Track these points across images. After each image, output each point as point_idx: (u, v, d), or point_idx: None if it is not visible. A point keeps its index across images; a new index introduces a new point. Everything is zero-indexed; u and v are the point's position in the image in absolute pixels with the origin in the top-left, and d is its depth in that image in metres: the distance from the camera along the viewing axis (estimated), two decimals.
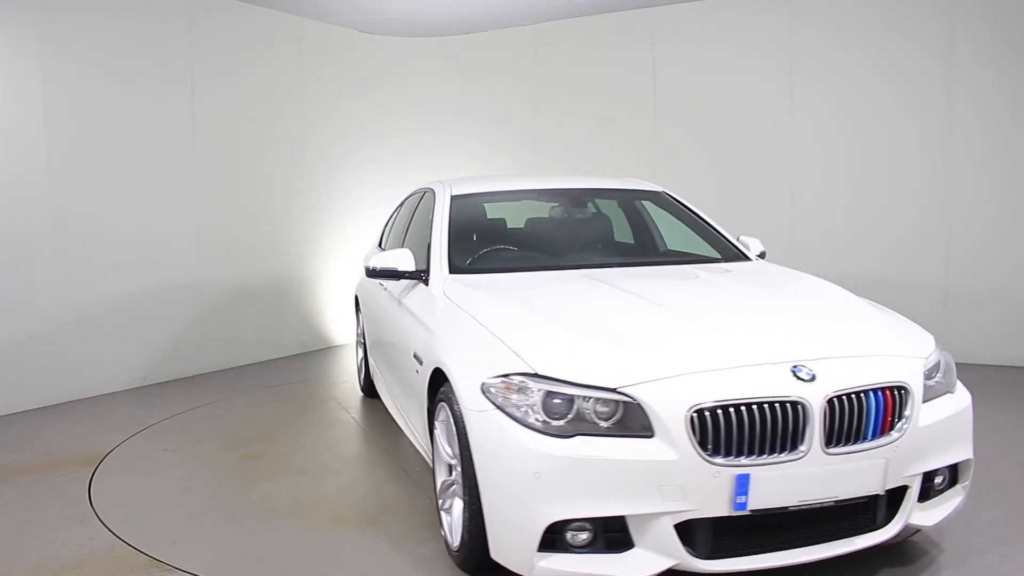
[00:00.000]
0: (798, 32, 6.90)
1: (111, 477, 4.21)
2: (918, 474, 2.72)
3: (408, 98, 8.44)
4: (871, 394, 2.62)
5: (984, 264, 6.34)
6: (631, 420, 2.49)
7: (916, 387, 2.72)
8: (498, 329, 2.89)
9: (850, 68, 6.70)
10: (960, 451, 2.88)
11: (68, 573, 3.07)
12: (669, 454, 2.44)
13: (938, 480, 2.87)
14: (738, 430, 2.46)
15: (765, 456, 2.47)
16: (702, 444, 2.45)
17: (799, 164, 6.96)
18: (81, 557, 3.21)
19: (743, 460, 2.46)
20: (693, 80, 7.33)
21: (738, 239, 4.26)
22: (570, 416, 2.51)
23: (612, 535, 2.50)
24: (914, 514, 2.76)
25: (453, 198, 4.26)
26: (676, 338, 2.76)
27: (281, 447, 4.68)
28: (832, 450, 2.53)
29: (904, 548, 3.09)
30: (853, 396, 2.58)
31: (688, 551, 2.48)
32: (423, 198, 4.74)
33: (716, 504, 2.45)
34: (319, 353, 7.62)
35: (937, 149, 6.44)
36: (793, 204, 6.99)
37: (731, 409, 2.47)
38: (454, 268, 3.73)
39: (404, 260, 3.83)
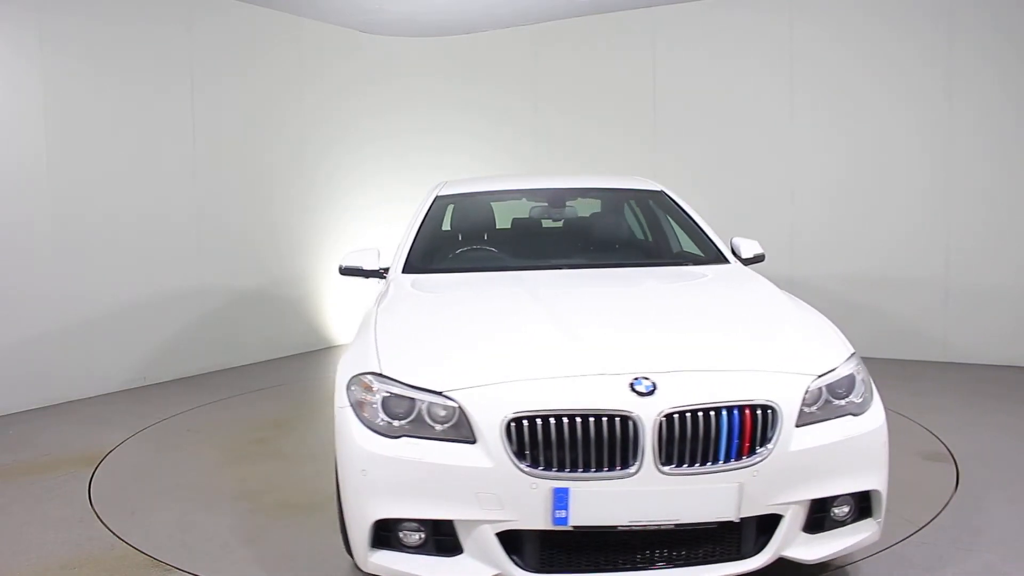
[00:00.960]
0: (798, 32, 6.90)
1: (111, 477, 4.21)
2: (794, 503, 2.45)
3: (408, 98, 8.44)
4: (722, 413, 2.39)
5: (984, 264, 6.34)
6: (461, 425, 2.45)
7: (787, 408, 2.46)
8: (381, 329, 2.92)
9: (850, 67, 6.70)
10: (862, 480, 2.56)
11: (68, 573, 3.07)
12: (485, 462, 2.38)
13: (838, 511, 2.57)
14: (558, 442, 2.35)
15: (589, 471, 2.35)
16: (519, 454, 2.36)
17: (799, 164, 6.96)
18: (81, 557, 3.21)
19: (562, 474, 2.35)
20: (693, 80, 7.33)
21: (731, 241, 4.10)
22: (411, 418, 2.50)
23: (443, 539, 2.48)
24: (794, 547, 2.49)
25: (437, 197, 4.33)
26: (527, 345, 2.70)
27: (281, 447, 4.68)
28: (669, 470, 2.35)
29: (904, 548, 3.09)
30: (699, 414, 2.37)
31: (515, 562, 2.43)
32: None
33: (535, 517, 2.36)
34: (319, 353, 7.63)
35: (937, 148, 6.44)
36: (793, 203, 6.99)
37: (551, 420, 2.36)
38: (411, 267, 3.78)
39: (369, 258, 3.93)
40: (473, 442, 2.42)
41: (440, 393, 2.49)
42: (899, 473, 3.95)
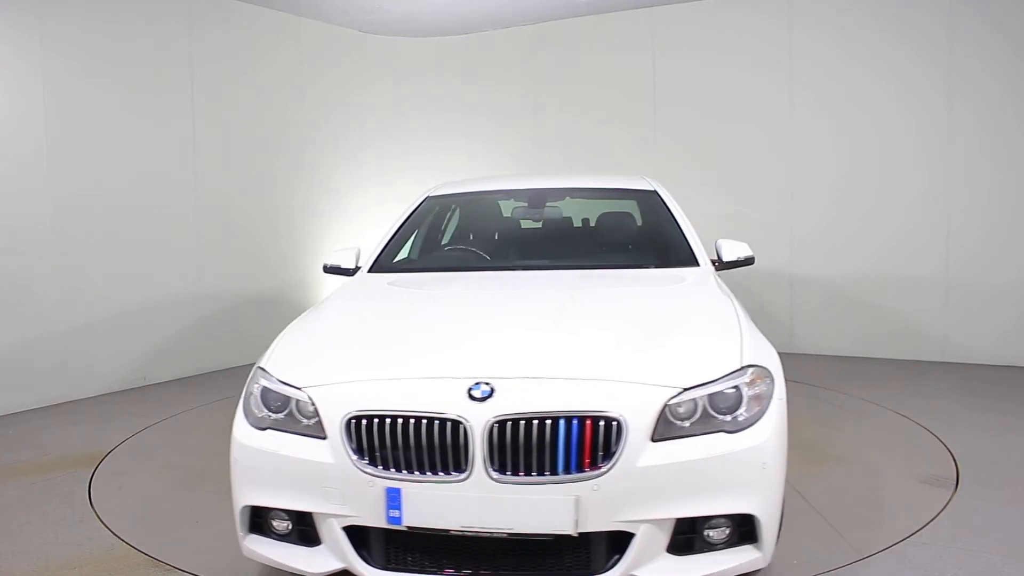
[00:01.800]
0: (798, 32, 6.90)
1: (111, 477, 4.21)
2: (647, 521, 2.34)
3: (408, 98, 8.45)
4: (559, 423, 2.33)
5: (984, 264, 6.34)
6: (318, 422, 2.53)
7: (636, 420, 2.35)
8: (293, 326, 3.09)
9: (850, 67, 6.71)
10: (733, 502, 2.40)
11: (68, 573, 3.07)
12: (329, 458, 2.45)
13: (714, 533, 2.43)
14: (392, 443, 2.39)
15: (422, 473, 2.37)
16: (358, 452, 2.42)
17: (799, 163, 6.96)
18: (81, 557, 3.21)
19: (396, 474, 2.38)
20: (693, 80, 7.33)
21: (715, 243, 3.99)
22: (285, 412, 2.60)
23: (305, 529, 2.57)
24: (651, 567, 2.37)
25: (428, 197, 4.40)
26: (398, 347, 2.76)
27: None
28: (500, 477, 2.32)
29: (904, 548, 3.09)
30: (533, 422, 2.33)
31: (363, 557, 2.48)
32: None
33: (375, 514, 2.40)
34: None
35: (937, 148, 6.45)
36: (793, 203, 6.99)
37: (387, 420, 2.40)
38: (379, 266, 3.91)
39: (349, 257, 4.04)
40: (324, 438, 2.49)
41: (300, 389, 2.59)
42: (899, 473, 3.97)
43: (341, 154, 8.00)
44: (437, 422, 2.36)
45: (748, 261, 3.87)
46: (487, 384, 2.41)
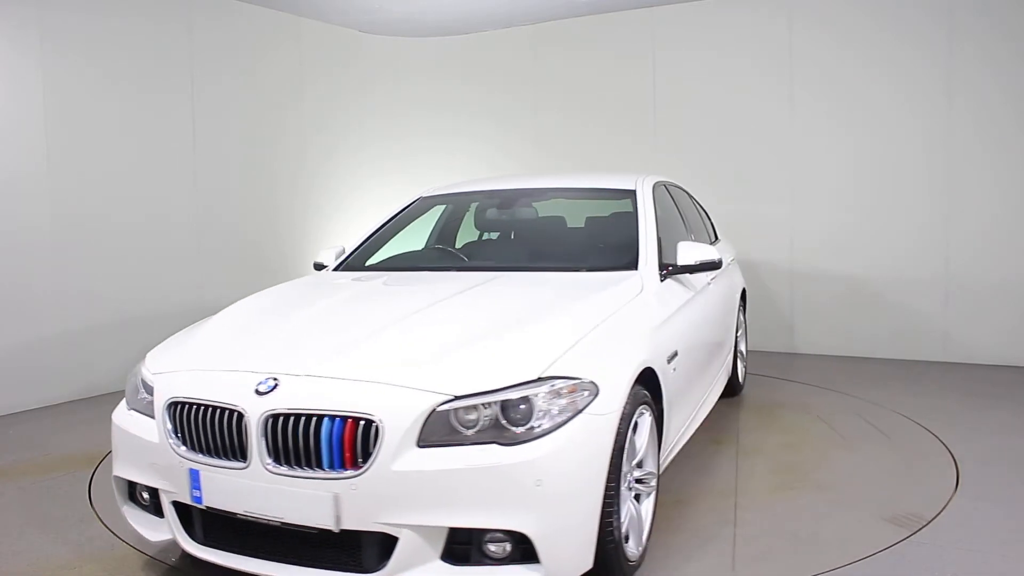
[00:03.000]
0: (798, 32, 6.90)
1: (111, 477, 4.20)
2: (409, 526, 2.36)
3: (408, 98, 8.45)
4: (324, 421, 2.42)
5: (984, 264, 6.34)
6: (153, 404, 2.83)
7: (395, 423, 2.37)
8: (204, 320, 3.49)
9: (850, 67, 6.70)
10: (504, 518, 2.34)
11: (68, 573, 3.07)
12: (155, 437, 2.74)
13: (493, 547, 2.41)
14: (194, 427, 2.64)
15: (216, 458, 2.58)
16: (173, 433, 2.69)
17: (799, 163, 6.96)
18: (81, 557, 3.21)
19: (198, 457, 2.61)
20: (693, 80, 7.33)
21: (676, 246, 3.83)
22: (146, 395, 2.91)
23: (156, 501, 2.85)
24: (418, 571, 2.38)
25: (420, 198, 4.59)
26: (245, 339, 3.02)
27: None
28: (274, 468, 2.46)
29: (904, 548, 3.09)
30: (302, 418, 2.44)
31: (186, 530, 2.75)
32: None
33: (184, 492, 2.66)
34: None
35: (937, 148, 6.44)
36: (793, 204, 6.99)
37: (193, 407, 2.65)
38: (349, 264, 4.15)
39: (329, 256, 4.25)
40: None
41: (151, 375, 2.91)
42: (899, 473, 3.97)
43: (341, 154, 8.00)
44: (226, 412, 2.57)
45: (709, 265, 3.69)
46: (273, 379, 2.57)
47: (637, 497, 2.94)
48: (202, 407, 2.61)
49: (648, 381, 2.99)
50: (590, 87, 7.81)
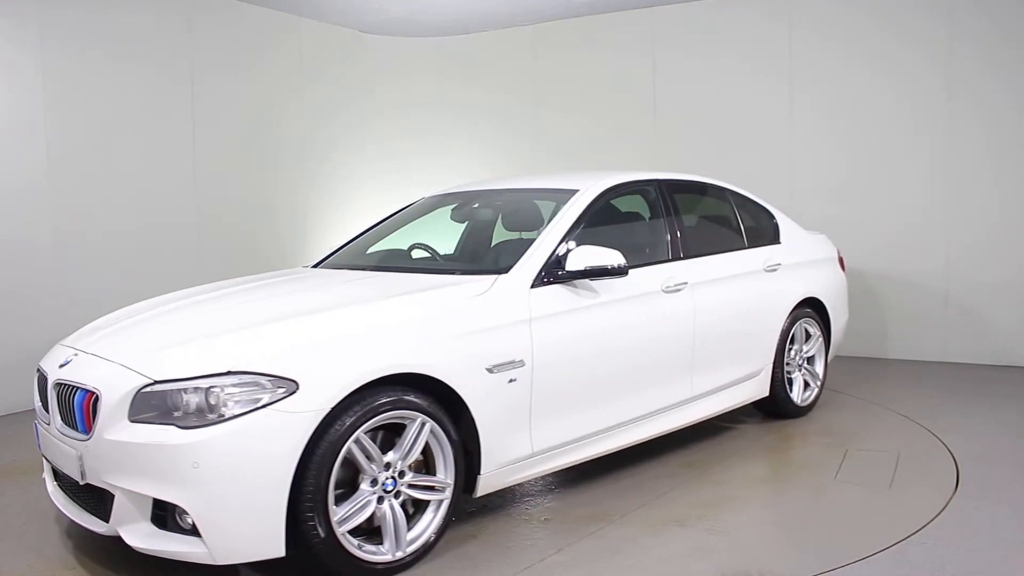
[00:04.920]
0: (798, 32, 6.90)
1: None
2: (119, 487, 2.74)
3: (408, 98, 8.44)
4: (78, 391, 2.91)
5: (984, 264, 6.34)
6: None
7: (110, 399, 2.75)
8: None
9: (850, 67, 6.71)
10: (164, 491, 2.65)
11: (68, 573, 3.07)
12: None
13: (181, 519, 2.70)
14: (36, 392, 3.33)
15: (44, 415, 3.18)
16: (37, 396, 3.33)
17: (799, 163, 6.96)
18: (81, 557, 3.21)
19: (40, 413, 3.27)
20: (693, 80, 7.33)
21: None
22: None
23: None
24: (130, 529, 2.77)
25: (422, 199, 4.76)
26: (112, 322, 3.46)
27: None
28: (60, 427, 3.01)
29: (904, 548, 3.09)
30: (68, 387, 2.98)
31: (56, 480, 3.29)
32: None
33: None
34: None
35: (937, 148, 6.45)
36: (793, 204, 6.98)
37: (37, 374, 3.34)
38: (329, 262, 4.34)
39: (319, 256, 4.49)
40: None
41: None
42: (899, 473, 3.97)
43: (341, 154, 7.99)
44: (43, 379, 3.22)
45: (599, 272, 3.50)
46: (74, 355, 3.11)
47: (418, 503, 3.03)
48: (38, 375, 3.31)
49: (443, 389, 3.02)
50: (590, 87, 7.81)
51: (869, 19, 6.62)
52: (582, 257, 3.50)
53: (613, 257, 3.49)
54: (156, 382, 2.71)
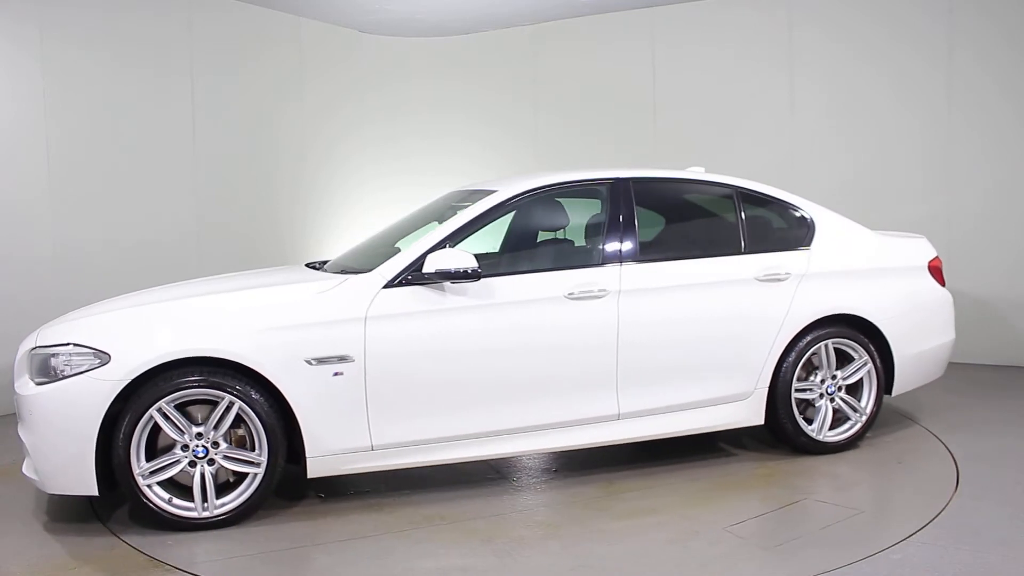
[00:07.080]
0: (798, 32, 6.90)
1: None
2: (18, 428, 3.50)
3: (408, 98, 8.44)
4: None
5: (984, 264, 6.34)
6: None
7: (18, 362, 3.51)
8: None
9: (850, 67, 6.71)
10: (22, 433, 3.46)
11: (68, 573, 3.07)
12: None
13: None
14: None
15: None
16: None
17: (799, 163, 6.95)
18: (81, 557, 3.21)
19: None
20: (693, 79, 7.33)
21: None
22: None
23: None
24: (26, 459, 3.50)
25: (445, 195, 4.79)
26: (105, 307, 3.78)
27: None
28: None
29: (904, 548, 3.09)
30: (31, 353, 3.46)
31: None
32: None
33: None
34: None
35: (937, 148, 6.45)
36: None
37: None
38: (337, 264, 4.39)
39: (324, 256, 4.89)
40: None
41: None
42: (899, 473, 3.97)
43: (341, 154, 7.99)
44: None
45: (456, 274, 3.55)
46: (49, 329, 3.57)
47: (236, 470, 3.44)
48: None
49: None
50: (590, 87, 7.81)
51: (869, 19, 6.62)
52: (434, 260, 3.57)
53: (464, 260, 3.54)
54: (37, 347, 3.42)
